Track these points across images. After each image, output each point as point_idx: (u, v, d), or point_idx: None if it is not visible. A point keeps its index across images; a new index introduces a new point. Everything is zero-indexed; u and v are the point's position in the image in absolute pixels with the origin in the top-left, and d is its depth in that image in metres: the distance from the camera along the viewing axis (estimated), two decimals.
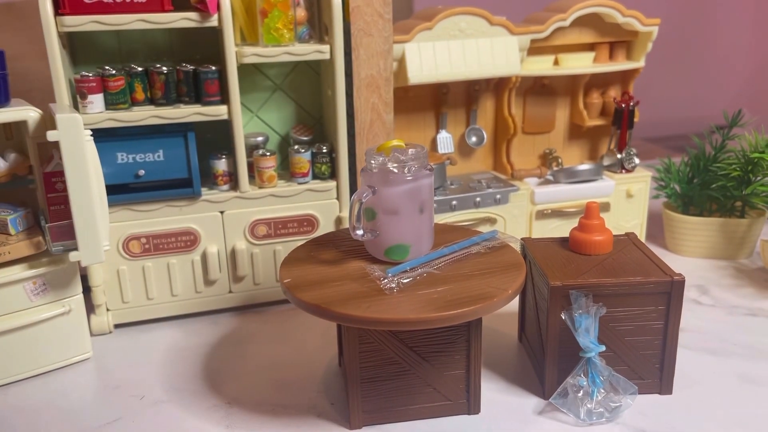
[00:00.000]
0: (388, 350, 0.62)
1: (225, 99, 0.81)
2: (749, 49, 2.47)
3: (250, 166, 0.85)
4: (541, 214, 1.00)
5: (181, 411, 0.68)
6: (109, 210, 0.77)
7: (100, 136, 0.76)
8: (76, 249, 0.70)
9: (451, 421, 0.64)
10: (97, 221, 0.70)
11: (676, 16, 2.21)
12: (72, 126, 0.66)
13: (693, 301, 0.88)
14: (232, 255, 0.86)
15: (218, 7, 0.77)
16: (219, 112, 0.80)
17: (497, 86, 1.03)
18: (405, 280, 0.61)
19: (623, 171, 1.04)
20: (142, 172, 0.79)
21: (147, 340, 0.83)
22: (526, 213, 1.00)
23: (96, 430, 0.65)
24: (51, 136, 0.66)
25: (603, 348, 0.63)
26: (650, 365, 0.67)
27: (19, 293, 0.72)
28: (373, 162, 0.64)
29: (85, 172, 0.68)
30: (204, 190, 0.84)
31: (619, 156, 1.03)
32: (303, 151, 0.86)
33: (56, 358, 0.76)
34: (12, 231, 0.74)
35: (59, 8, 0.72)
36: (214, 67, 0.79)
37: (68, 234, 0.71)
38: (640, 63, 1.03)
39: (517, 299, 0.77)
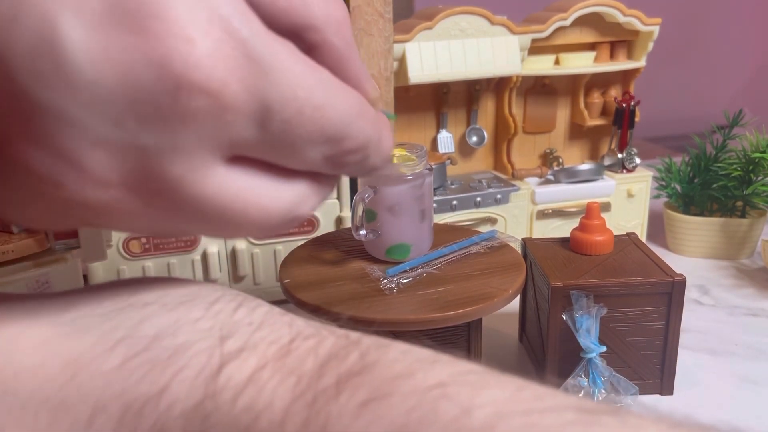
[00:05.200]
0: None
1: None
2: (750, 49, 2.46)
3: None
4: (542, 214, 1.00)
5: None
6: None
7: None
8: (78, 247, 0.70)
9: None
10: None
11: (677, 15, 2.21)
12: None
13: (694, 302, 0.88)
14: (233, 255, 0.86)
15: None
16: None
17: (498, 86, 1.03)
18: (405, 281, 0.61)
19: (624, 171, 1.03)
20: None
21: None
22: (526, 213, 1.00)
23: None
24: None
25: (604, 348, 0.63)
26: (651, 366, 0.66)
27: (21, 291, 0.72)
28: None
29: None
30: None
31: (619, 156, 1.03)
32: None
33: None
34: (14, 229, 0.74)
35: None
36: None
37: (71, 232, 0.71)
38: (641, 62, 1.03)
39: (517, 299, 0.76)
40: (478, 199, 0.96)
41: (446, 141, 1.03)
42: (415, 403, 0.19)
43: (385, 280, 0.61)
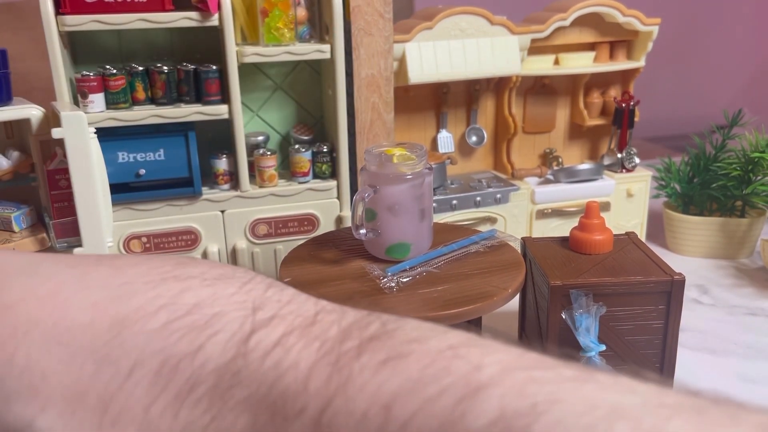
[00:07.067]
0: None
1: (226, 98, 0.81)
2: (750, 49, 2.47)
3: (251, 166, 0.86)
4: (542, 214, 1.00)
5: None
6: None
7: (101, 135, 0.76)
8: (80, 245, 0.71)
9: None
10: (101, 218, 0.70)
11: (676, 15, 2.21)
12: (77, 123, 0.66)
13: (693, 301, 0.88)
14: (233, 254, 0.86)
15: (219, 7, 0.77)
16: (220, 111, 0.80)
17: (497, 86, 1.03)
18: (404, 280, 0.62)
19: (623, 170, 1.04)
20: (142, 171, 0.80)
21: None
22: (526, 212, 1.00)
23: None
24: (56, 133, 0.66)
25: (603, 347, 0.63)
26: (650, 364, 0.67)
27: None
28: (372, 161, 0.64)
29: (89, 169, 0.68)
30: (204, 190, 0.84)
31: (619, 155, 1.04)
32: (303, 150, 0.86)
33: None
34: (16, 228, 0.74)
35: (60, 7, 0.73)
36: (214, 67, 0.80)
37: (72, 231, 0.71)
38: (640, 62, 1.03)
39: (517, 298, 0.77)
40: (478, 198, 0.96)
41: (446, 141, 1.03)
42: (430, 361, 0.21)
43: (385, 279, 0.61)
